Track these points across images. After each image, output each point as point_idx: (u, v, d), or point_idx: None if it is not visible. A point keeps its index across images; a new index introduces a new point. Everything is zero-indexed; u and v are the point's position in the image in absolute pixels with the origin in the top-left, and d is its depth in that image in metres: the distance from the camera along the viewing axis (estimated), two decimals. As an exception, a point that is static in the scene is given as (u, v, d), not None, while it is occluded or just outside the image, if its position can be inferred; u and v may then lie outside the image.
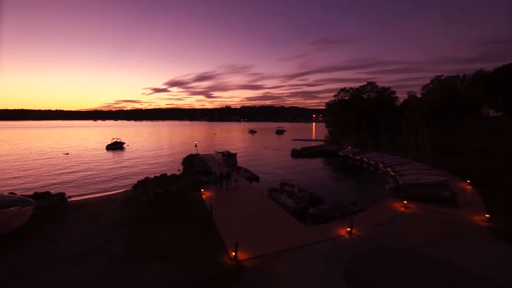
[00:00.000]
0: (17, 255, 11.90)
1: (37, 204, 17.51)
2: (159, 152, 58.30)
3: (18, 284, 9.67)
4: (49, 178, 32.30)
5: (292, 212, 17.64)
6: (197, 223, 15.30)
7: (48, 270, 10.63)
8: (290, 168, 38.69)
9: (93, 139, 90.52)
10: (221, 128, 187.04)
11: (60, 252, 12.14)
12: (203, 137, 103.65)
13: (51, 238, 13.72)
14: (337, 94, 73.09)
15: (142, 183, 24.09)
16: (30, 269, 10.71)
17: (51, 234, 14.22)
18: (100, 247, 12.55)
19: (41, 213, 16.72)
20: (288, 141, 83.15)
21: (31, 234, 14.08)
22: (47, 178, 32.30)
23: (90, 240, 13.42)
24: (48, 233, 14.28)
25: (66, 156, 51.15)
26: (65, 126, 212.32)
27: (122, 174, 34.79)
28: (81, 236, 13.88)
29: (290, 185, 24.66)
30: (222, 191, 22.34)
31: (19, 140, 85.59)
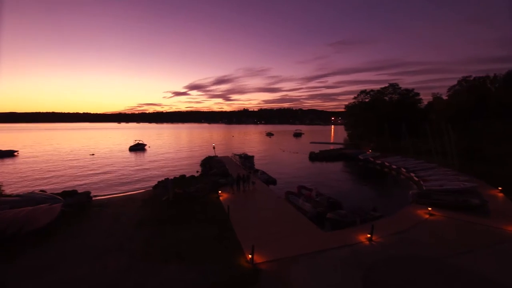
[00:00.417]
0: (46, 249, 12.63)
1: (65, 202, 18.55)
2: (178, 154, 59.75)
3: (46, 277, 10.26)
4: (76, 177, 34.08)
5: (310, 216, 17.40)
6: (215, 225, 15.48)
7: (74, 265, 11.19)
8: (308, 171, 38.22)
9: (117, 141, 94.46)
10: (238, 131, 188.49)
11: (85, 248, 12.74)
12: (221, 140, 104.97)
13: (77, 234, 14.44)
14: (357, 96, 71.47)
15: (162, 184, 24.76)
16: (58, 263, 11.33)
17: (77, 230, 14.96)
18: (122, 245, 13.03)
19: (69, 210, 17.63)
20: (306, 144, 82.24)
21: (59, 230, 14.88)
22: (74, 177, 34.09)
23: (113, 237, 13.98)
24: (75, 230, 15.04)
25: (92, 156, 53.77)
26: (91, 128, 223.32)
27: (143, 175, 35.99)
28: (104, 234, 14.50)
29: (308, 188, 24.34)
30: (239, 193, 22.47)
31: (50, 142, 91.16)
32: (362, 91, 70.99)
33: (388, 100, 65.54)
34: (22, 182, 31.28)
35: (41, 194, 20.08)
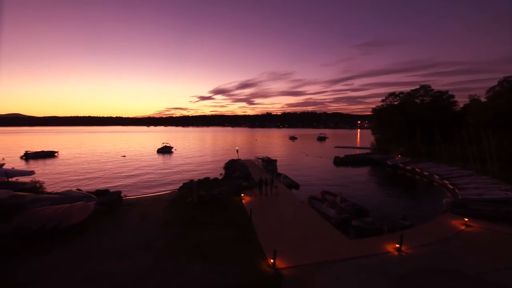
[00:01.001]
0: (80, 245, 13.49)
1: (98, 200, 19.75)
2: (203, 156, 61.21)
3: (80, 270, 10.94)
4: (108, 178, 36.17)
5: (334, 223, 16.92)
6: (237, 227, 15.59)
7: (104, 260, 11.83)
8: (332, 176, 37.28)
9: (146, 143, 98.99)
10: (261, 134, 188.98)
11: (115, 245, 13.43)
12: (244, 143, 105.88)
13: (108, 231, 15.27)
14: (385, 99, 68.64)
15: (187, 185, 25.49)
16: (90, 258, 12.04)
17: (108, 228, 15.83)
18: (149, 243, 13.56)
19: (101, 208, 18.72)
20: (330, 148, 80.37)
21: (92, 227, 15.83)
22: (106, 177, 36.20)
23: (140, 236, 14.60)
24: (106, 227, 15.92)
25: (123, 158, 56.84)
26: (123, 132, 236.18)
27: (169, 176, 37.30)
28: (133, 232, 15.18)
29: (332, 194, 23.73)
30: (262, 197, 22.45)
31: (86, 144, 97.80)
32: (390, 93, 68.10)
33: (420, 103, 62.16)
34: (61, 181, 33.82)
35: (77, 193, 21.57)
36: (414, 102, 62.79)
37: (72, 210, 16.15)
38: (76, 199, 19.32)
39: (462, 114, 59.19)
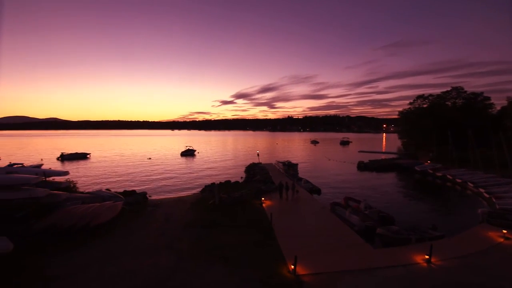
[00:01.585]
0: (108, 242, 14.16)
1: (125, 200, 20.67)
2: (224, 160, 62.04)
3: (107, 267, 11.47)
4: (134, 179, 37.77)
5: (357, 230, 16.32)
6: (257, 231, 15.56)
7: (129, 258, 12.31)
8: (356, 182, 36.10)
9: (170, 147, 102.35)
10: (282, 138, 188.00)
11: (140, 244, 13.94)
12: (265, 147, 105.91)
13: (134, 231, 15.90)
14: (413, 101, 65.60)
15: (209, 188, 25.93)
16: (117, 256, 12.59)
17: (134, 227, 16.49)
18: (172, 244, 13.92)
19: (128, 208, 19.57)
20: (353, 153, 78.01)
21: (119, 225, 16.57)
22: (133, 179, 37.83)
23: (164, 236, 15.03)
24: (132, 226, 16.59)
25: (148, 160, 59.16)
26: (149, 135, 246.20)
27: (192, 178, 38.19)
28: (157, 232, 15.68)
29: (356, 200, 22.96)
30: (283, 201, 22.25)
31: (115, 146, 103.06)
32: (419, 96, 64.98)
33: (451, 106, 58.68)
34: (92, 181, 35.85)
35: (107, 193, 22.73)
36: (445, 104, 59.39)
37: (101, 209, 17.03)
38: (105, 199, 20.38)
39: (499, 116, 55.00)
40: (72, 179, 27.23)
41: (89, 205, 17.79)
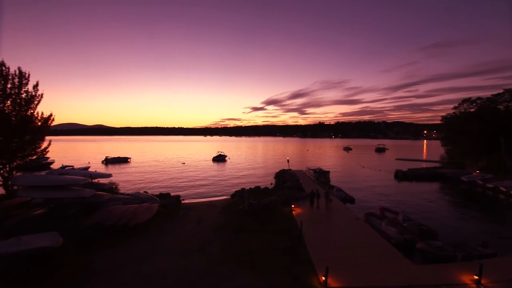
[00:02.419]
0: (144, 242, 14.96)
1: (161, 202, 21.70)
2: (254, 166, 62.48)
3: (143, 266, 12.09)
4: (169, 182, 39.63)
5: (394, 243, 15.26)
6: (287, 239, 15.31)
7: (163, 258, 12.85)
8: (393, 191, 33.96)
9: (203, 152, 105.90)
10: (313, 145, 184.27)
11: (173, 245, 14.51)
12: (295, 153, 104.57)
13: (168, 232, 16.61)
14: (458, 105, 60.26)
15: (239, 193, 26.23)
16: (152, 255, 13.22)
17: (168, 229, 17.23)
18: (203, 246, 14.27)
19: (163, 210, 20.52)
20: (390, 161, 73.63)
21: (154, 227, 17.43)
22: (168, 182, 39.72)
23: (195, 239, 15.48)
24: (166, 228, 17.36)
25: (183, 165, 61.79)
26: (183, 141, 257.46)
27: (222, 183, 39.02)
28: (189, 234, 16.21)
29: (393, 211, 21.57)
30: (313, 210, 21.67)
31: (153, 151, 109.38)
32: (465, 99, 59.55)
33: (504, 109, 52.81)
34: (131, 183, 38.34)
35: (144, 195, 24.09)
36: (496, 108, 53.61)
37: (139, 210, 18.09)
38: (143, 200, 21.60)
39: None
40: (114, 181, 29.36)
41: (128, 206, 19.00)
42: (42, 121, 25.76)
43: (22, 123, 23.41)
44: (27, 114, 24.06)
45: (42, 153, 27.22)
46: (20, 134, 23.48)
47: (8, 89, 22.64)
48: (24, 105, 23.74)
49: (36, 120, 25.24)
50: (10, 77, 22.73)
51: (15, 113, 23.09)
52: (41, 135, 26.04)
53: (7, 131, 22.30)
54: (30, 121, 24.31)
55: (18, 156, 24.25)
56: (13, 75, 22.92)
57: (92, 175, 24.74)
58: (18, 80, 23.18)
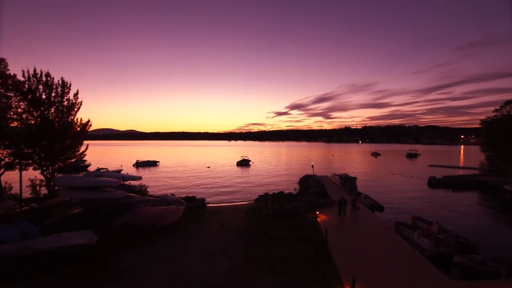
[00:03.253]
0: (170, 243, 15.39)
1: (187, 205, 22.31)
2: (278, 170, 62.10)
3: (170, 266, 12.46)
4: (195, 185, 40.63)
5: (428, 256, 14.27)
6: (311, 246, 14.95)
7: (188, 260, 13.15)
8: (426, 200, 31.88)
9: (227, 156, 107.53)
10: (339, 150, 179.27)
11: (197, 248, 14.79)
12: (320, 158, 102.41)
13: (193, 234, 16.98)
14: (500, 108, 55.34)
15: (262, 198, 26.20)
16: (177, 256, 13.59)
17: (193, 231, 17.61)
18: (226, 250, 14.39)
19: (188, 213, 21.06)
20: (423, 167, 69.34)
21: (180, 228, 17.90)
22: (194, 185, 40.75)
23: (219, 242, 15.66)
24: (191, 230, 17.75)
25: (207, 169, 63.16)
26: (208, 145, 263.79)
27: (246, 188, 39.20)
28: (213, 237, 16.45)
29: (426, 221, 20.23)
30: (340, 217, 20.95)
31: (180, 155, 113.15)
32: (508, 101, 54.51)
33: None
34: (159, 186, 39.89)
35: (171, 197, 24.94)
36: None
37: (166, 212, 18.74)
38: (170, 203, 22.38)
39: None
40: (144, 184, 30.76)
41: (156, 207, 19.78)
42: (81, 126, 27.89)
43: (64, 128, 25.52)
44: (68, 120, 26.21)
45: (81, 156, 29.51)
46: (62, 139, 25.57)
47: (52, 98, 24.86)
48: (66, 112, 25.89)
49: (76, 125, 27.39)
50: (54, 86, 24.95)
51: (58, 119, 25.26)
52: (80, 139, 28.18)
53: (51, 136, 24.40)
54: (70, 126, 26.45)
55: (59, 159, 26.42)
56: (57, 84, 25.13)
57: (124, 177, 26.13)
58: (61, 89, 25.36)
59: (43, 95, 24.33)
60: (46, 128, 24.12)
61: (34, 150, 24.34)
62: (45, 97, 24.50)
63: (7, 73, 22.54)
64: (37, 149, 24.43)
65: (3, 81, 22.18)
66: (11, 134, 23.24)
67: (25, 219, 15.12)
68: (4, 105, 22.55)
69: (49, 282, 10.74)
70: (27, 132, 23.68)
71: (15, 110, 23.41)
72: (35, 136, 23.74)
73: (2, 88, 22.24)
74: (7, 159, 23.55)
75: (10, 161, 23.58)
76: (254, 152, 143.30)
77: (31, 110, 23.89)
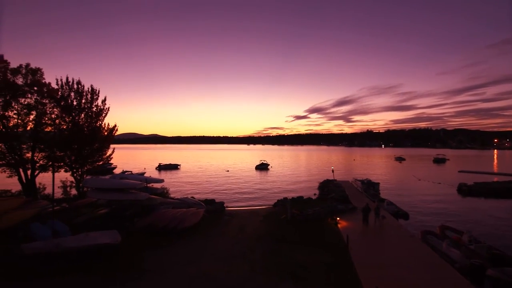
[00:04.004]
0: (190, 245, 15.68)
1: (206, 208, 22.65)
2: (297, 175, 61.49)
3: (189, 268, 12.65)
4: (214, 189, 41.23)
5: (458, 268, 13.40)
6: (331, 253, 14.59)
7: (207, 262, 13.28)
8: (455, 208, 30.09)
9: (246, 160, 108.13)
10: (360, 154, 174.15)
11: (216, 250, 14.93)
12: (341, 163, 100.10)
13: (212, 237, 17.17)
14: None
15: (281, 203, 25.99)
16: (196, 259, 13.77)
17: (212, 234, 17.81)
18: (245, 254, 14.39)
19: (208, 216, 21.35)
20: (452, 173, 65.46)
21: (200, 231, 18.16)
22: (213, 188, 41.36)
23: (238, 245, 15.70)
24: (210, 233, 17.96)
25: (227, 172, 63.87)
26: (227, 149, 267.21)
27: (265, 192, 39.16)
28: (232, 241, 16.52)
29: (456, 231, 19.02)
30: (361, 223, 20.18)
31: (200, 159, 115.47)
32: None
33: None
34: (180, 189, 40.87)
35: (192, 200, 25.45)
36: None
37: (187, 214, 19.12)
38: (190, 205, 22.84)
39: None
40: (166, 186, 31.65)
41: (178, 210, 20.26)
42: (108, 131, 29.43)
43: (93, 133, 27.04)
44: (97, 125, 27.75)
45: (107, 159, 31.06)
46: (91, 143, 27.07)
47: (83, 104, 26.46)
48: (94, 118, 27.43)
49: (103, 130, 28.93)
50: (84, 93, 26.55)
51: (87, 124, 26.82)
52: (107, 143, 29.72)
53: (80, 140, 25.91)
54: (98, 131, 27.99)
55: (88, 162, 27.95)
56: (87, 91, 26.74)
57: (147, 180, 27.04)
58: (90, 95, 26.94)
59: (74, 101, 26.01)
60: (77, 132, 25.67)
61: (65, 153, 25.96)
62: (76, 103, 26.14)
63: (43, 81, 24.31)
64: (68, 152, 26.04)
65: (39, 89, 23.93)
66: (45, 138, 24.96)
67: (57, 218, 16.07)
68: (40, 111, 24.29)
69: (78, 279, 11.31)
70: (59, 137, 25.32)
71: (49, 116, 25.13)
72: (67, 140, 25.31)
73: (38, 96, 24.00)
74: (42, 161, 25.24)
75: (44, 163, 25.24)
76: (272, 156, 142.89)
77: (63, 115, 25.57)
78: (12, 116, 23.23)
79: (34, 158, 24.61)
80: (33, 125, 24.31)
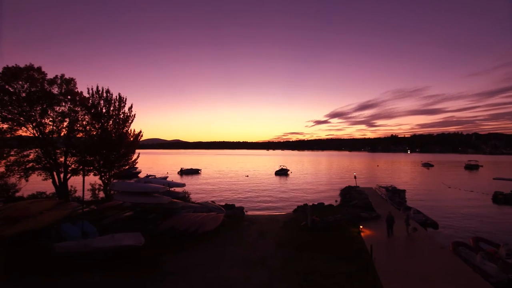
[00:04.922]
0: (210, 249, 15.81)
1: (226, 213, 22.82)
2: (317, 181, 60.31)
3: (207, 272, 12.79)
4: (234, 194, 41.49)
5: (494, 283, 12.37)
6: (353, 262, 14.05)
7: (226, 267, 13.34)
8: (490, 218, 27.98)
9: (265, 165, 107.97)
10: (384, 160, 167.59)
11: (235, 255, 14.94)
12: (363, 169, 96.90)
13: (232, 242, 17.21)
14: None
15: (301, 209, 25.61)
16: (216, 263, 13.87)
17: (232, 238, 17.86)
18: (264, 260, 14.26)
19: (228, 220, 21.48)
20: (486, 180, 61.10)
21: (219, 235, 18.29)
22: (233, 193, 41.64)
23: (257, 251, 15.61)
24: (230, 238, 18.02)
25: (246, 178, 64.11)
26: (247, 154, 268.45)
27: (284, 198, 38.76)
28: (251, 246, 16.47)
29: (492, 243, 17.63)
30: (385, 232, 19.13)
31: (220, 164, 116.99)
32: None
33: None
34: (201, 193, 41.59)
35: (212, 204, 25.79)
36: None
37: (207, 218, 19.38)
38: (210, 210, 23.15)
39: None
40: (187, 190, 32.36)
41: (198, 213, 20.61)
42: (134, 137, 30.82)
43: (120, 139, 28.44)
44: (123, 131, 29.18)
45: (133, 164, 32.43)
46: (118, 148, 28.47)
47: (111, 111, 27.97)
48: (122, 124, 28.88)
49: (130, 136, 30.32)
50: (112, 101, 28.08)
51: (115, 130, 28.28)
52: (132, 148, 31.12)
53: (109, 145, 27.34)
54: (125, 137, 29.40)
55: (115, 166, 29.36)
56: (115, 99, 28.27)
57: (170, 184, 27.82)
58: (118, 103, 28.43)
59: (103, 109, 27.59)
60: (105, 138, 27.14)
61: (94, 157, 27.51)
62: (105, 111, 27.71)
63: (75, 90, 26.03)
64: (97, 157, 27.57)
65: (72, 98, 25.66)
66: (77, 144, 26.62)
67: (86, 219, 16.94)
68: (73, 118, 26.00)
69: (101, 279, 11.79)
70: (90, 142, 26.89)
71: (81, 122, 26.84)
72: (96, 145, 26.80)
73: (71, 104, 25.72)
74: (73, 165, 26.88)
75: (76, 167, 26.86)
76: (292, 161, 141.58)
77: (93, 122, 27.20)
78: (48, 123, 25.09)
79: (67, 162, 26.30)
80: (66, 132, 26.08)
